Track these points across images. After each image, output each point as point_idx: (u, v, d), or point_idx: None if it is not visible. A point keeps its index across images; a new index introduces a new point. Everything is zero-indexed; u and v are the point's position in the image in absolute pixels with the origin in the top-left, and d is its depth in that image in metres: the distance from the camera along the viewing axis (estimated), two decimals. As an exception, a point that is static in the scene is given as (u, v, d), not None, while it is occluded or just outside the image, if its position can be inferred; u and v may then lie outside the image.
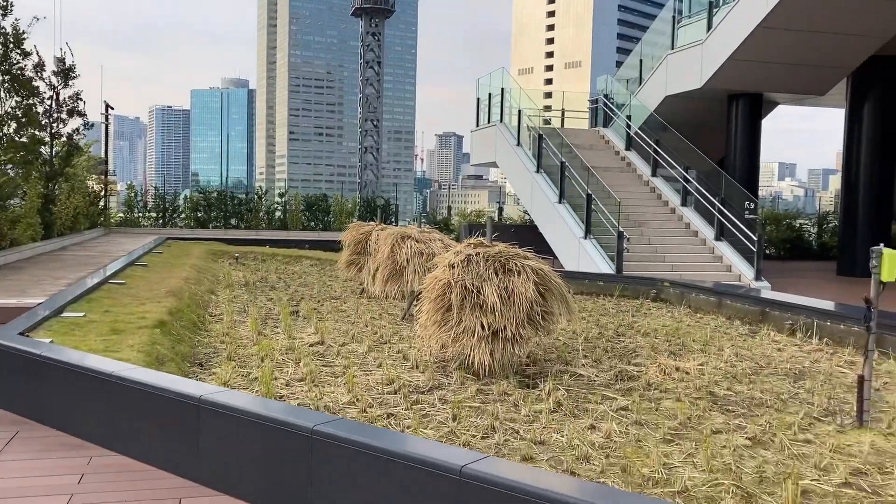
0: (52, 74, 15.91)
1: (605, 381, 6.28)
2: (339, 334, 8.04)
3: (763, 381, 6.39)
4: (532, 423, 4.99)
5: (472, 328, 6.17)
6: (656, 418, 5.18)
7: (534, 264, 6.37)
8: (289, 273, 14.41)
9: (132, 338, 6.23)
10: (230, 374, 6.01)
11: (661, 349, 7.71)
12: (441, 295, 6.31)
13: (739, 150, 18.41)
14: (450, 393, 5.70)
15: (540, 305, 6.30)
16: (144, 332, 6.50)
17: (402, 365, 6.65)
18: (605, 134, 20.76)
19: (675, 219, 17.00)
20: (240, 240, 20.12)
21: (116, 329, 6.51)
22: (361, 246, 11.25)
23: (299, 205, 23.02)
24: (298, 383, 5.90)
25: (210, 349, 7.13)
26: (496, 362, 6.14)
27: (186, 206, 22.36)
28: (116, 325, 6.67)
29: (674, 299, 11.30)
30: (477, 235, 7.03)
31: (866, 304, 5.06)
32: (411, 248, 8.79)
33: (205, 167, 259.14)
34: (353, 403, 5.32)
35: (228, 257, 16.54)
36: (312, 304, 10.20)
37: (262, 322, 8.67)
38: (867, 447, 4.64)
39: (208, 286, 11.41)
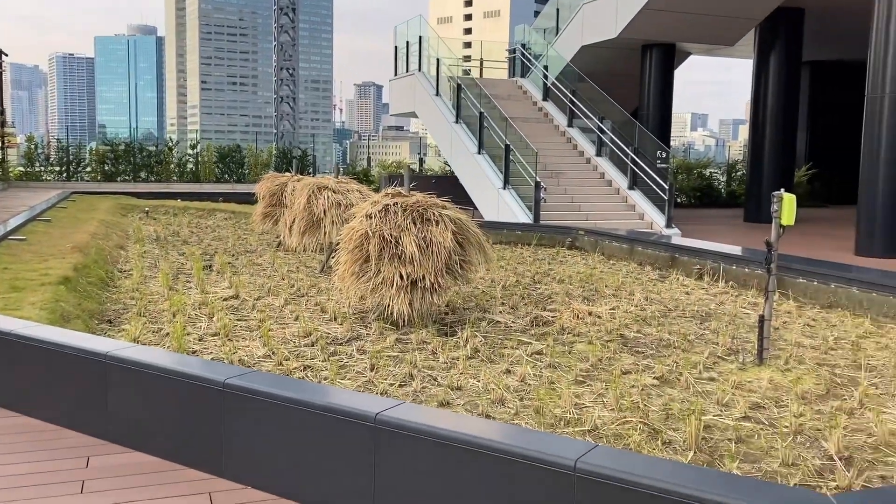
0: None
1: (521, 326, 6.40)
2: (255, 288, 7.91)
3: (671, 324, 6.63)
4: (450, 369, 5.05)
5: (390, 279, 6.16)
6: (569, 361, 5.32)
7: (452, 214, 6.38)
8: (202, 227, 14.04)
9: (34, 295, 5.97)
10: (140, 331, 5.84)
11: (575, 295, 7.89)
12: (358, 246, 6.26)
13: (653, 101, 18.78)
14: (368, 343, 5.70)
15: (458, 254, 6.34)
16: (48, 289, 6.24)
17: (320, 317, 6.61)
18: (523, 84, 20.81)
19: (590, 169, 17.29)
20: (150, 193, 19.44)
21: (16, 286, 6.23)
22: (277, 198, 11.03)
23: (212, 156, 22.33)
24: (212, 338, 5.80)
25: (119, 305, 6.92)
26: (415, 312, 6.16)
27: (92, 158, 21.38)
28: (16, 283, 6.37)
29: (588, 247, 11.56)
30: (395, 185, 6.98)
31: (767, 246, 5.27)
32: (328, 199, 8.66)
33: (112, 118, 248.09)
34: (269, 357, 5.26)
35: (138, 211, 15.99)
36: (227, 259, 9.98)
37: (173, 277, 8.45)
38: (766, 383, 4.89)
39: (117, 241, 11.02)
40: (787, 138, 18.96)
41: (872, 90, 12.39)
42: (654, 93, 18.74)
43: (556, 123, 18.86)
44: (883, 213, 12.35)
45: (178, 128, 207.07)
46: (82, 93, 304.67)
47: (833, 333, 6.38)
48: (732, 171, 27.51)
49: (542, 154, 15.82)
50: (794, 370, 5.20)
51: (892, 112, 12.08)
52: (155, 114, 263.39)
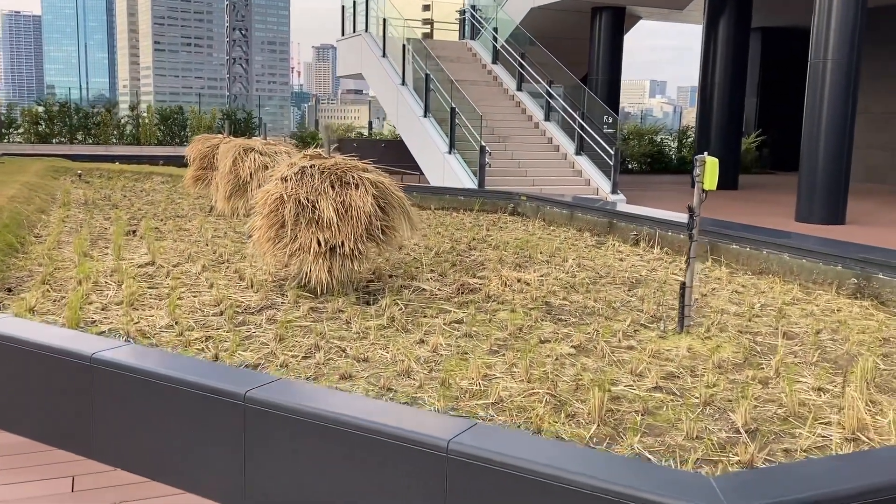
0: None
1: (446, 294, 6.21)
2: (175, 254, 7.58)
3: (598, 291, 6.50)
4: (361, 340, 4.84)
5: (307, 245, 5.90)
6: (488, 330, 5.14)
7: (373, 177, 6.12)
8: (136, 191, 13.55)
9: (-77, 262, 5.59)
10: (38, 300, 5.51)
11: (507, 262, 7.72)
12: (274, 210, 5.98)
13: (602, 66, 18.60)
14: (281, 313, 5.46)
15: (380, 220, 6.09)
16: (-60, 256, 5.85)
17: (236, 286, 6.33)
18: (473, 47, 20.44)
19: (538, 133, 17.10)
20: (87, 156, 18.74)
21: None
22: (208, 160, 10.63)
23: (153, 118, 21.57)
24: (117, 307, 5.49)
25: (25, 273, 6.55)
26: (335, 279, 5.92)
27: (25, 119, 20.49)
28: None
29: (530, 213, 11.40)
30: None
31: (689, 212, 5.13)
32: (255, 162, 8.34)
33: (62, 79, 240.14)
34: (171, 327, 4.99)
35: (71, 174, 15.38)
36: (154, 223, 9.60)
37: (92, 243, 8.07)
38: (684, 351, 4.77)
39: (39, 205, 10.54)
40: (736, 105, 18.96)
41: (815, 55, 12.35)
42: (603, 58, 18.54)
43: (505, 87, 18.59)
44: (822, 179, 12.40)
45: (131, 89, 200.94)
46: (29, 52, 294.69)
47: (760, 300, 6.31)
48: (683, 138, 27.59)
49: (490, 118, 15.57)
50: (714, 338, 5.10)
51: (833, 78, 12.06)
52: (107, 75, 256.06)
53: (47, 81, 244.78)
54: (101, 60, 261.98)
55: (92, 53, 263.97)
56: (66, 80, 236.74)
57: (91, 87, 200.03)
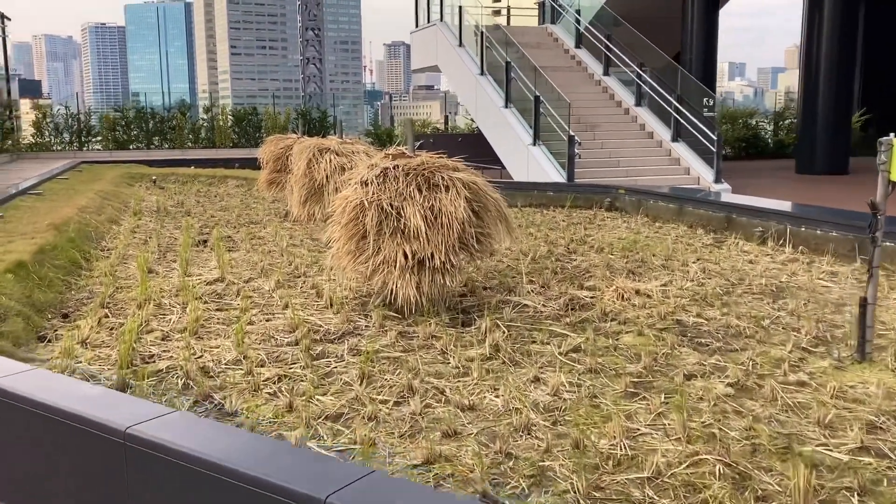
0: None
1: (553, 311, 5.29)
2: (247, 267, 6.88)
3: (737, 304, 5.46)
4: (462, 377, 3.97)
5: (392, 258, 5.07)
6: (615, 361, 4.20)
7: (465, 177, 5.24)
8: (210, 196, 13.08)
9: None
10: (92, 329, 4.85)
11: (617, 267, 6.74)
12: (354, 219, 5.17)
13: (696, 44, 17.25)
14: (365, 340, 4.64)
15: (474, 226, 5.21)
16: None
17: (313, 305, 5.56)
18: (554, 31, 19.36)
19: (629, 120, 15.92)
20: (163, 161, 18.53)
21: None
22: (282, 162, 9.97)
23: (227, 120, 21.24)
24: (179, 335, 4.78)
25: (85, 294, 5.94)
26: (424, 296, 5.08)
27: (103, 126, 20.45)
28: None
29: (630, 208, 10.34)
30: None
31: (871, 209, 4.06)
32: (331, 163, 7.58)
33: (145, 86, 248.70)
34: (239, 362, 4.23)
35: (146, 181, 15.07)
36: (226, 231, 8.98)
37: (160, 256, 7.47)
38: (877, 389, 3.72)
39: (110, 215, 10.08)
40: (844, 83, 17.29)
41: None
42: (697, 35, 17.19)
43: (590, 72, 17.46)
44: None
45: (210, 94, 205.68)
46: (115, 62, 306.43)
47: (942, 312, 5.16)
48: (779, 120, 25.77)
49: (576, 106, 14.51)
50: (908, 369, 4.02)
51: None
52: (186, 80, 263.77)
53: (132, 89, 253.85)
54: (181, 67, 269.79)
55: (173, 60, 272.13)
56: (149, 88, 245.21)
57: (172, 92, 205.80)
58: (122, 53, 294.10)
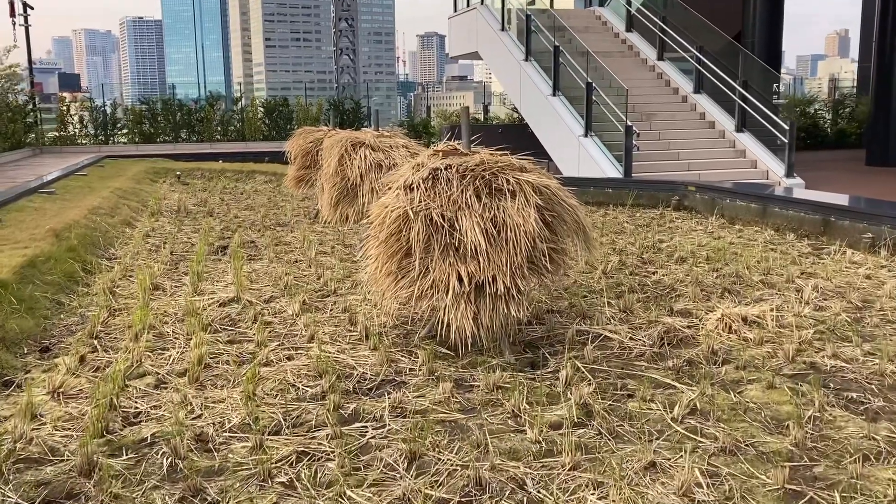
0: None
1: (645, 348, 4.20)
2: (269, 281, 5.88)
3: (876, 336, 4.31)
4: (547, 458, 2.91)
5: (444, 281, 4.02)
6: (751, 432, 3.10)
7: (535, 179, 4.16)
8: (236, 193, 12.15)
9: (-77, 319, 4.05)
10: (72, 368, 3.88)
11: (708, 284, 5.61)
12: (395, 233, 4.12)
13: (759, 23, 15.88)
14: (411, 394, 3.59)
15: (546, 241, 4.13)
16: (-47, 307, 4.32)
17: (345, 335, 4.54)
18: (602, 14, 18.09)
19: (687, 109, 14.65)
20: (190, 154, 17.68)
21: None
22: (311, 157, 8.96)
23: (257, 111, 20.31)
24: (177, 381, 3.78)
25: (77, 318, 4.98)
26: (483, 330, 4.01)
27: (128, 119, 19.64)
28: (-85, 297, 4.47)
29: (701, 206, 9.16)
30: (450, 139, 4.79)
31: None
32: (365, 160, 6.55)
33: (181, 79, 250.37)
34: (247, 428, 3.21)
35: (171, 176, 14.21)
36: (250, 235, 8.01)
37: (171, 267, 6.51)
38: None
39: (125, 216, 9.17)
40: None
41: None
42: (760, 16, 15.83)
43: (643, 57, 16.19)
44: None
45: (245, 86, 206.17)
46: (152, 55, 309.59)
47: None
48: (840, 108, 24.18)
49: (630, 93, 13.28)
50: None
51: None
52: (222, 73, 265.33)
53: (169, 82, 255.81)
54: (216, 60, 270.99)
55: (208, 53, 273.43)
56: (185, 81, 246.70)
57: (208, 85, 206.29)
58: (159, 46, 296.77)
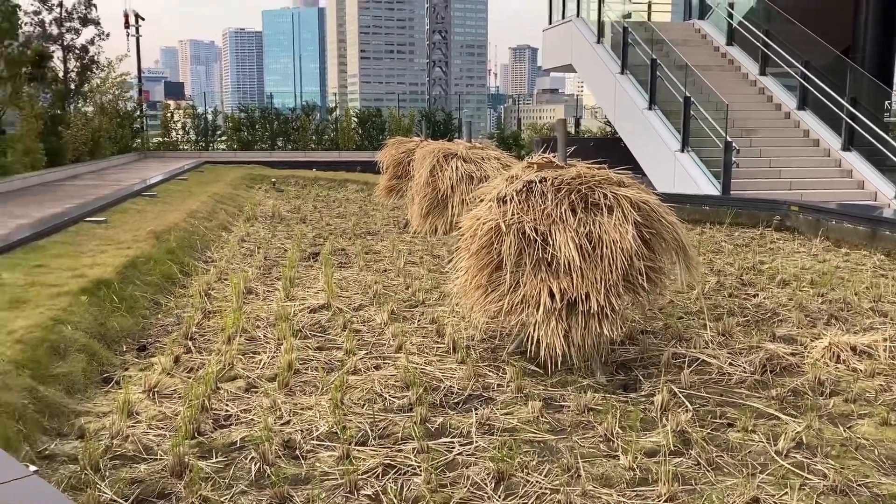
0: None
1: (746, 375, 3.99)
2: (359, 290, 5.91)
3: None
4: (641, 486, 2.77)
5: (535, 296, 3.93)
6: (862, 468, 2.89)
7: (633, 195, 4.02)
8: (328, 201, 12.36)
9: (32, 313, 4.24)
10: (167, 368, 3.97)
11: (813, 310, 5.32)
12: (486, 246, 4.06)
13: (870, 37, 15.11)
14: (498, 409, 3.52)
15: (644, 259, 3.99)
16: (61, 302, 4.50)
17: (433, 346, 4.50)
18: (702, 27, 17.60)
19: (790, 126, 14.06)
20: (286, 162, 18.13)
21: (19, 299, 4.53)
22: (403, 168, 9.01)
23: (350, 121, 20.69)
24: (267, 385, 3.82)
25: (172, 319, 5.12)
26: (573, 348, 3.90)
27: (228, 126, 20.34)
28: (26, 293, 4.69)
29: (805, 227, 8.73)
30: (545, 151, 4.70)
31: None
32: (456, 171, 6.52)
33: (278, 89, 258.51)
34: (333, 436, 3.20)
35: (267, 183, 14.58)
36: (341, 243, 8.11)
37: (264, 272, 6.63)
38: None
39: (222, 221, 9.44)
40: None
41: None
42: (872, 27, 15.06)
43: (744, 71, 15.65)
44: None
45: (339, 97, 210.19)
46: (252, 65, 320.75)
47: None
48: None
49: (730, 108, 12.85)
50: None
51: None
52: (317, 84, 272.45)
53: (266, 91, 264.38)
54: (312, 71, 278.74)
55: (305, 64, 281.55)
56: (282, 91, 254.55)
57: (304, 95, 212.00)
58: (258, 57, 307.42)
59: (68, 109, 14.20)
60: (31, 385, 3.45)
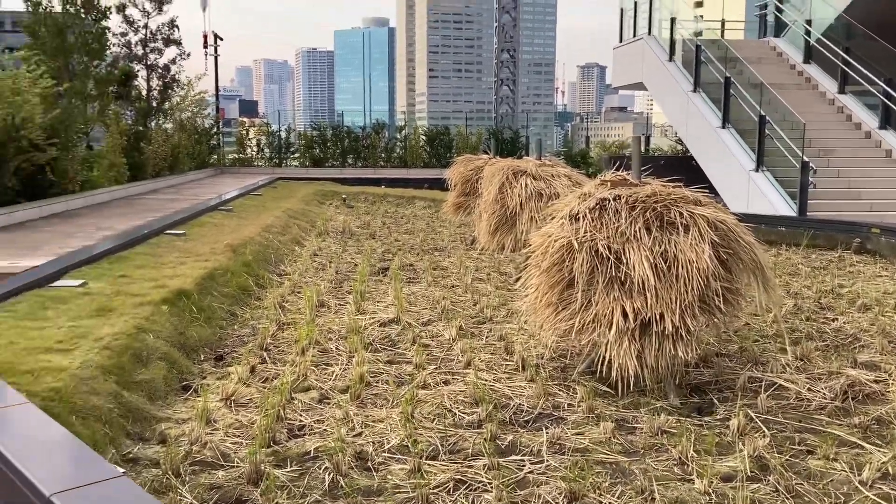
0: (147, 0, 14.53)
1: (825, 401, 3.86)
2: (427, 305, 5.96)
3: None
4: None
5: (607, 315, 3.90)
6: (955, 505, 2.76)
7: (710, 214, 3.96)
8: (397, 217, 12.50)
9: (117, 321, 4.41)
10: (244, 378, 4.08)
11: None
12: (558, 263, 4.05)
13: (960, 56, 14.51)
14: (569, 429, 3.49)
15: (720, 280, 3.91)
16: (143, 311, 4.67)
17: (501, 364, 4.50)
18: (777, 45, 17.21)
19: (871, 145, 13.60)
20: (355, 179, 18.43)
21: (106, 307, 4.72)
22: (471, 185, 9.07)
23: (419, 139, 20.91)
24: (339, 397, 3.88)
25: (247, 330, 5.26)
26: (646, 368, 3.85)
27: (300, 143, 20.80)
28: (112, 301, 4.88)
29: (887, 251, 8.42)
30: (617, 169, 4.68)
31: None
32: (526, 189, 6.53)
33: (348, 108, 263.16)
34: (405, 449, 3.23)
35: (337, 199, 14.83)
36: (409, 259, 8.19)
37: (335, 286, 6.75)
38: None
39: (295, 235, 9.64)
40: None
41: None
42: (961, 45, 14.47)
43: (821, 90, 15.22)
44: None
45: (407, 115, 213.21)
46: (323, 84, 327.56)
47: None
48: None
49: (807, 127, 12.51)
50: None
51: None
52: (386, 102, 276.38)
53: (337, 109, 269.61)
54: (382, 89, 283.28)
55: (375, 83, 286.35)
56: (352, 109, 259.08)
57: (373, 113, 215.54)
58: (329, 76, 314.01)
59: (150, 126, 14.77)
60: (116, 390, 3.59)
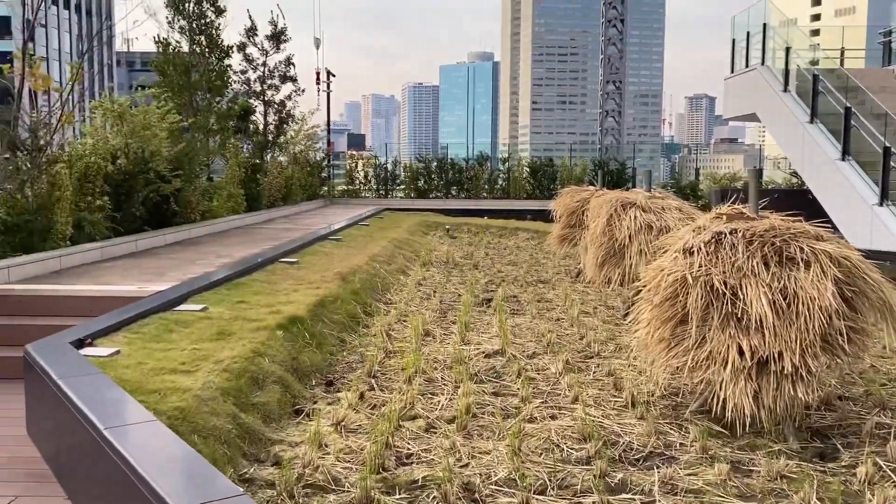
0: (265, 39, 15.27)
1: (965, 452, 3.59)
2: (532, 338, 5.93)
3: None
4: (843, 564, 2.56)
5: (722, 353, 3.77)
6: None
7: (833, 249, 3.79)
8: (500, 248, 12.52)
9: (236, 345, 4.60)
10: (353, 404, 4.17)
11: None
12: (671, 298, 3.96)
13: None
14: (681, 469, 3.38)
15: (844, 318, 3.73)
16: (260, 336, 4.85)
17: (610, 400, 4.41)
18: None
19: None
20: (458, 210, 18.59)
21: (225, 331, 4.93)
22: (577, 217, 9.00)
23: (522, 171, 20.96)
24: (446, 427, 3.90)
25: (356, 356, 5.37)
26: (763, 409, 3.69)
27: (406, 175, 21.25)
28: (231, 326, 5.09)
29: None
30: (733, 202, 4.55)
31: None
32: (635, 221, 6.42)
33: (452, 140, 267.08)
34: (512, 482, 3.21)
35: (441, 230, 15.02)
36: (513, 290, 8.18)
37: (440, 315, 6.81)
38: None
39: (400, 265, 9.81)
40: None
41: None
42: None
43: (953, 120, 14.34)
44: None
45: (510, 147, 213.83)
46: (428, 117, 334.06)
47: None
48: None
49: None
50: None
51: None
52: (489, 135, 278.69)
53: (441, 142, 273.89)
54: (485, 122, 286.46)
55: (478, 116, 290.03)
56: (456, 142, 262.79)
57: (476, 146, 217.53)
58: (434, 110, 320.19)
59: (266, 159, 15.44)
60: (234, 412, 3.73)
